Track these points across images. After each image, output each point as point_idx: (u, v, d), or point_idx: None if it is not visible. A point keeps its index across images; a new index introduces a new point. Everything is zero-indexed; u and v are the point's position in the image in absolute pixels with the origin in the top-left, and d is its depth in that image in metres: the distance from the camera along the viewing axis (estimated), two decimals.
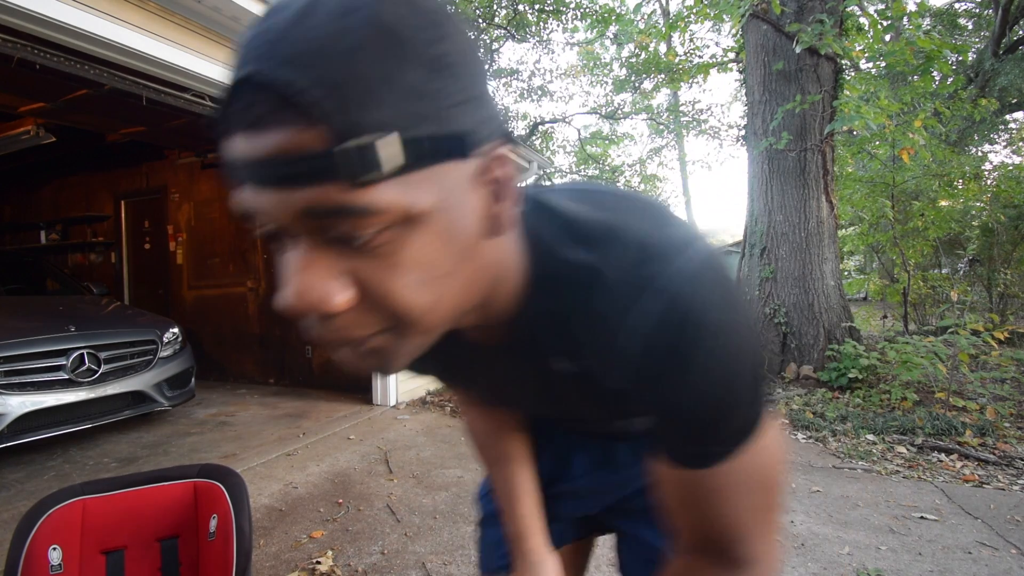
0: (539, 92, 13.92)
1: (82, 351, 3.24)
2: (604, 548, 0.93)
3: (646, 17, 15.00)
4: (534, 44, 12.70)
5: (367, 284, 0.34)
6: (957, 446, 3.24)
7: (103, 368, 3.32)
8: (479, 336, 0.51)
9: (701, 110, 14.77)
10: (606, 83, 14.80)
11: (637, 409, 0.50)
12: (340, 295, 0.34)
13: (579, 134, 14.50)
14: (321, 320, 0.36)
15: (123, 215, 6.46)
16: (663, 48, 12.56)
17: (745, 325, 0.42)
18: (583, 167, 15.34)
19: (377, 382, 4.44)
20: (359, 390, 4.84)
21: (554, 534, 0.83)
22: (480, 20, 11.57)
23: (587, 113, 14.52)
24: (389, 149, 0.30)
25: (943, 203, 7.39)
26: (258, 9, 2.76)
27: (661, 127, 15.96)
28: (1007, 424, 3.62)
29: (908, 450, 3.26)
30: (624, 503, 0.80)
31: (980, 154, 12.67)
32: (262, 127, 0.30)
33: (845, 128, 4.78)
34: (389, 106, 0.30)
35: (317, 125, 0.29)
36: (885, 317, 7.42)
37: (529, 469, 0.77)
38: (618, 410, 0.55)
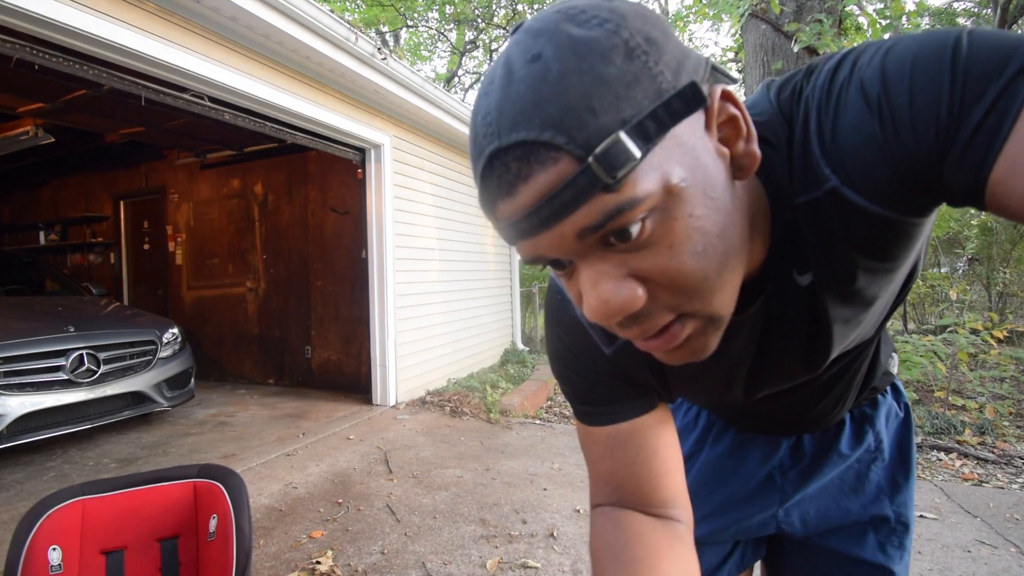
0: None
1: (81, 351, 3.24)
2: None
3: None
4: None
5: (653, 275, 0.36)
6: (956, 445, 3.24)
7: (102, 368, 3.32)
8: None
9: None
10: None
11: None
12: (635, 292, 0.36)
13: None
14: (628, 322, 0.39)
15: (122, 215, 6.46)
16: None
17: None
18: None
19: (377, 382, 4.43)
20: (359, 390, 4.84)
21: (730, 565, 0.79)
22: (479, 20, 11.56)
23: None
24: (626, 138, 0.32)
25: None
26: (257, 9, 2.76)
27: None
28: (1006, 423, 3.62)
29: None
30: (820, 516, 0.74)
31: None
32: (516, 187, 0.34)
33: None
34: (609, 108, 0.32)
35: (561, 157, 0.32)
36: None
37: None
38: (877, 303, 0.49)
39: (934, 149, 0.34)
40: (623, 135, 0.32)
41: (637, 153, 0.32)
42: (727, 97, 0.38)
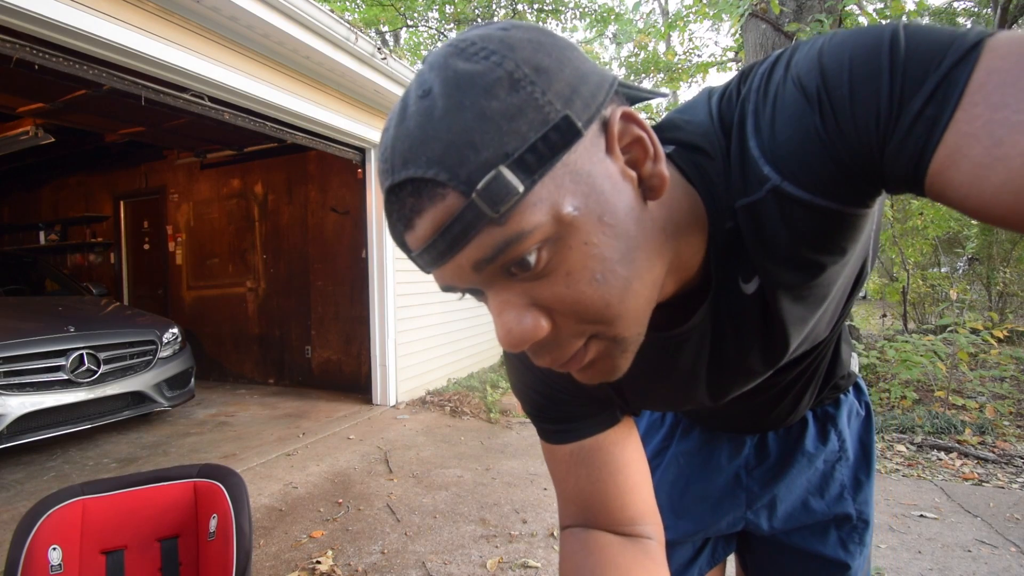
0: None
1: (81, 351, 3.24)
2: None
3: (645, 16, 15.02)
4: None
5: (554, 304, 0.37)
6: (956, 444, 3.24)
7: (102, 368, 3.32)
8: (672, 316, 0.48)
9: None
10: None
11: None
12: (538, 323, 0.37)
13: None
14: (538, 350, 0.39)
15: (122, 215, 6.46)
16: (662, 47, 12.57)
17: None
18: None
19: (377, 382, 4.44)
20: (359, 390, 4.84)
21: (700, 562, 0.81)
22: (480, 20, 11.56)
23: None
24: (507, 172, 0.32)
25: None
26: (257, 9, 2.76)
27: None
28: (1006, 422, 3.62)
29: (908, 448, 3.26)
30: (785, 516, 0.76)
31: None
32: (413, 222, 0.34)
33: None
34: (490, 143, 0.32)
35: (447, 193, 0.33)
36: (884, 316, 7.42)
37: None
38: (828, 300, 0.48)
39: (875, 139, 0.34)
40: (504, 169, 0.32)
41: (520, 187, 0.32)
42: (629, 118, 0.37)
